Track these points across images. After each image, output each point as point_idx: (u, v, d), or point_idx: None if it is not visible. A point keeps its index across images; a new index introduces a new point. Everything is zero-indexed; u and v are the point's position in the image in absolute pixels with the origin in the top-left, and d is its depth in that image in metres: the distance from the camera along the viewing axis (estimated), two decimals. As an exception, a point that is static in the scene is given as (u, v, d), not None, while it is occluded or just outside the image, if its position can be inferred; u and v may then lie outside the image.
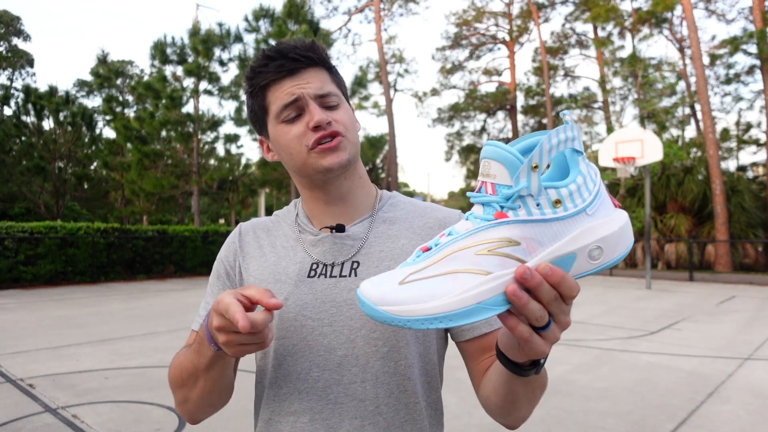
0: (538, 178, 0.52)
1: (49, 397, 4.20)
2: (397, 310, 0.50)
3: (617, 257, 0.54)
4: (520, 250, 0.52)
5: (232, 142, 21.57)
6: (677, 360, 5.52)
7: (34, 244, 12.81)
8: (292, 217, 0.98)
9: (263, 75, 0.87)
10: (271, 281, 0.89)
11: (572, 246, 0.52)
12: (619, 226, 0.54)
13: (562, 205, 0.52)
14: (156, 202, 24.17)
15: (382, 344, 0.85)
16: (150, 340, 6.38)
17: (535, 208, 0.52)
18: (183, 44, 18.59)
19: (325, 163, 0.85)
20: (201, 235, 16.39)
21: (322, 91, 0.87)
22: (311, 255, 0.90)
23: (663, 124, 21.79)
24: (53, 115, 22.45)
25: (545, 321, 0.53)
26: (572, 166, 0.55)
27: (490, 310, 0.51)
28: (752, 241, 17.83)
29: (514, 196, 0.52)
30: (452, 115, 33.90)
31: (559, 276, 0.51)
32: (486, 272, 0.51)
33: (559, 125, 0.54)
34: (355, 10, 29.36)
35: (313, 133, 0.84)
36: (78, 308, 9.20)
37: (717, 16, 26.05)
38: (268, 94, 0.88)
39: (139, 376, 4.85)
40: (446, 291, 0.51)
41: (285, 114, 0.86)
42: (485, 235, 0.53)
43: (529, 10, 29.35)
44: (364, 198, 0.95)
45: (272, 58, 0.86)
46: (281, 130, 0.87)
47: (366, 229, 0.92)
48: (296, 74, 0.86)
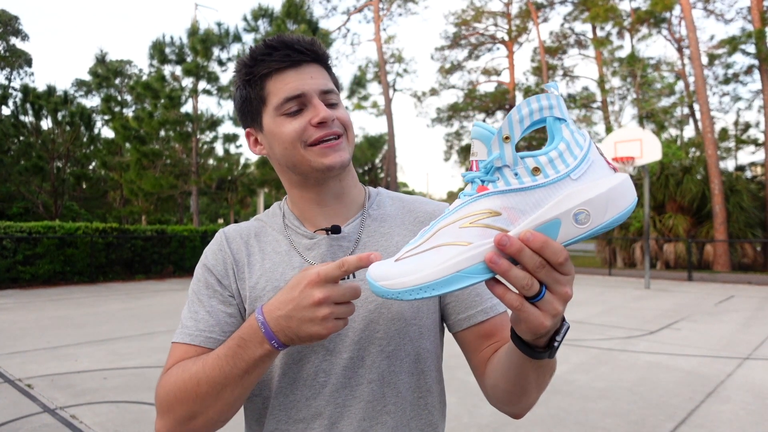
0: (512, 148, 0.53)
1: (48, 398, 4.19)
2: (390, 284, 0.54)
3: (609, 220, 0.52)
4: (501, 220, 0.53)
5: (231, 142, 21.53)
6: (676, 360, 5.52)
7: (32, 244, 12.78)
8: (279, 221, 0.95)
9: (265, 64, 0.84)
10: (270, 289, 0.86)
11: (555, 211, 0.52)
12: (608, 187, 0.52)
13: (542, 173, 0.53)
14: (155, 201, 24.13)
15: (387, 344, 0.84)
16: (149, 340, 6.37)
17: (513, 177, 0.53)
18: (182, 44, 18.56)
19: (327, 161, 0.84)
20: (200, 235, 16.38)
21: (326, 87, 0.85)
22: (307, 259, 0.89)
23: (662, 124, 21.81)
24: (51, 115, 22.41)
25: (535, 289, 0.53)
26: (555, 133, 0.54)
27: (470, 278, 0.53)
28: (751, 241, 17.85)
29: (490, 168, 0.54)
30: (451, 115, 33.90)
31: (540, 241, 0.51)
32: (467, 243, 0.53)
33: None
34: (354, 10, 29.35)
35: (316, 130, 0.83)
36: (76, 308, 9.18)
37: (715, 16, 26.09)
38: (269, 84, 0.84)
39: (137, 376, 4.83)
40: (429, 263, 0.53)
41: (287, 107, 0.83)
42: (469, 209, 0.55)
43: (528, 10, 29.35)
44: (355, 197, 0.94)
45: (275, 48, 0.83)
46: (280, 122, 0.84)
47: (358, 228, 0.91)
48: (300, 67, 0.84)
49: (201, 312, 0.86)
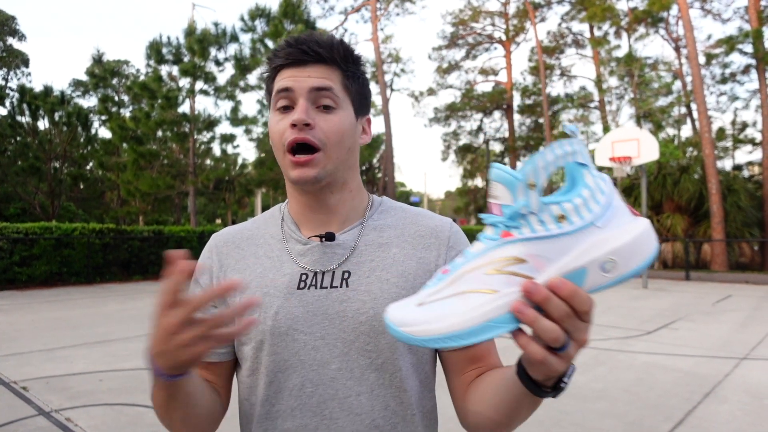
0: (537, 195, 0.52)
1: (43, 400, 4.16)
2: (413, 330, 0.53)
3: (635, 268, 0.52)
4: (527, 268, 0.53)
5: (228, 142, 21.49)
6: (674, 360, 5.52)
7: (29, 245, 12.74)
8: (277, 223, 0.93)
9: (275, 59, 0.85)
10: (259, 294, 0.85)
11: (582, 260, 0.52)
12: (633, 235, 0.53)
13: (567, 220, 0.53)
14: (152, 202, 24.10)
15: (377, 356, 0.82)
16: (145, 342, 6.33)
17: (538, 224, 0.53)
18: (179, 44, 18.52)
19: (294, 174, 0.82)
20: (197, 235, 16.34)
21: (319, 84, 0.82)
22: (300, 265, 0.86)
23: (659, 124, 21.85)
24: (48, 115, 22.34)
25: (562, 341, 0.52)
26: (578, 179, 0.54)
27: (498, 328, 0.52)
28: (748, 240, 17.88)
29: (515, 214, 0.53)
30: (449, 115, 33.91)
31: (569, 290, 0.50)
32: (493, 291, 0.52)
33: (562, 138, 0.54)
34: (352, 10, 29.32)
35: (291, 131, 0.80)
36: (73, 309, 9.15)
37: (713, 16, 26.14)
38: (277, 78, 0.85)
39: (133, 378, 4.81)
40: (455, 311, 0.53)
41: (277, 101, 0.83)
42: (493, 255, 0.54)
43: (526, 10, 29.37)
44: (354, 208, 0.92)
45: (289, 45, 0.84)
46: (273, 117, 0.84)
47: (356, 236, 0.88)
48: (303, 66, 0.83)
49: None
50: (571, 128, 0.54)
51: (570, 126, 0.54)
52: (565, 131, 0.55)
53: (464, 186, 35.65)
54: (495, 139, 34.36)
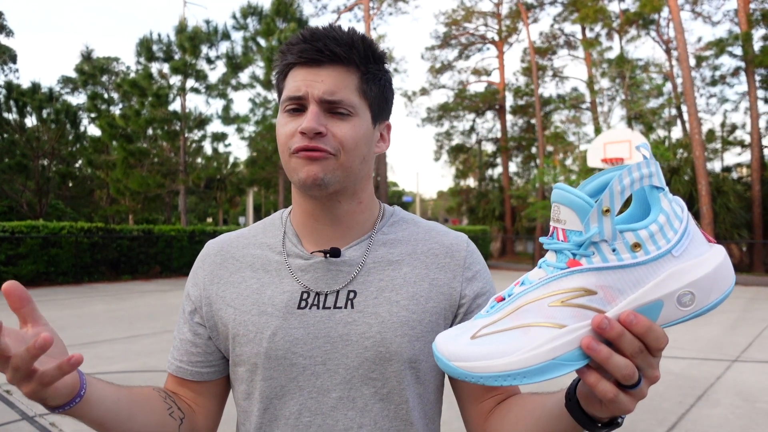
0: (611, 221, 0.48)
1: (27, 405, 4.07)
2: (470, 366, 0.49)
3: (714, 302, 0.49)
4: (597, 300, 0.49)
5: (220, 141, 21.38)
6: (666, 362, 5.52)
7: (15, 243, 12.55)
8: (278, 234, 0.85)
9: (287, 56, 0.78)
10: (255, 313, 0.78)
11: (658, 292, 0.48)
12: (713, 266, 0.49)
13: (642, 249, 0.49)
14: (142, 201, 23.88)
15: (382, 385, 0.76)
16: (133, 344, 6.25)
17: (610, 254, 0.49)
18: (169, 41, 18.36)
19: (300, 174, 0.74)
20: (187, 234, 16.19)
21: (331, 97, 0.74)
22: (301, 282, 0.79)
23: (650, 125, 21.97)
24: (36, 112, 22.09)
25: (635, 378, 0.48)
26: (653, 204, 0.51)
27: (566, 366, 0.48)
28: (737, 242, 18.04)
29: (586, 242, 0.49)
30: (441, 115, 33.90)
31: (645, 325, 0.47)
32: (560, 325, 0.48)
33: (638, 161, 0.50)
34: (344, 9, 29.23)
35: (299, 138, 0.74)
36: (60, 310, 9.01)
37: (703, 19, 26.35)
38: (288, 76, 0.78)
39: (121, 381, 4.70)
40: (518, 346, 0.48)
41: (288, 104, 0.76)
42: (558, 285, 0.49)
43: (518, 11, 29.44)
44: (363, 222, 0.84)
45: (303, 40, 0.76)
46: (281, 119, 0.78)
47: (364, 252, 0.81)
48: (314, 66, 0.75)
49: (177, 336, 0.86)
50: (645, 146, 0.50)
51: (644, 145, 0.50)
52: (638, 150, 0.51)
53: (456, 186, 35.65)
54: (487, 139, 34.43)
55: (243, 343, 0.78)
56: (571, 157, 28.31)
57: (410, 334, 0.76)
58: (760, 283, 14.05)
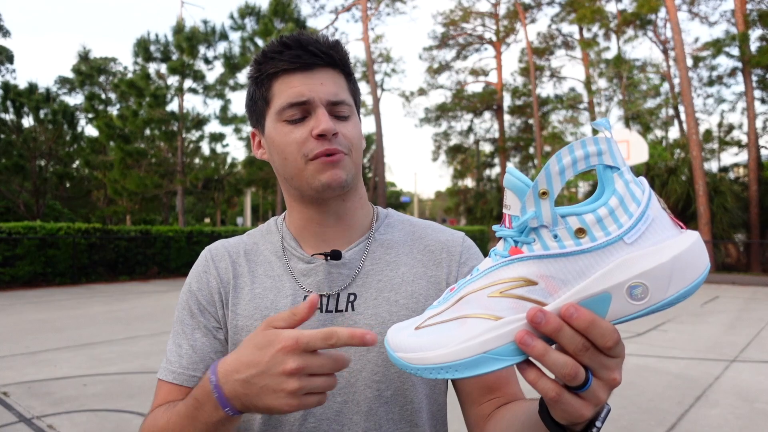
0: (550, 205, 0.44)
1: (24, 406, 4.05)
2: (409, 357, 0.47)
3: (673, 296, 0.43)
4: (537, 291, 0.45)
5: (218, 141, 21.35)
6: (664, 362, 5.52)
7: (12, 244, 12.50)
8: (275, 240, 0.85)
9: (274, 62, 0.75)
10: (257, 318, 0.78)
11: (605, 284, 0.43)
12: (672, 255, 0.43)
13: (588, 235, 0.44)
14: (139, 201, 23.82)
15: (386, 387, 0.76)
16: (131, 345, 6.23)
17: (552, 240, 0.45)
18: (167, 42, 18.33)
19: (323, 178, 0.74)
20: (185, 235, 16.15)
21: (335, 98, 0.75)
22: (302, 286, 0.79)
23: (647, 125, 22.01)
24: (33, 113, 22.02)
25: (581, 378, 0.44)
26: (606, 185, 0.46)
27: (499, 360, 0.45)
28: (734, 242, 18.07)
29: (526, 228, 0.45)
30: (439, 115, 33.91)
31: (586, 320, 0.42)
32: (496, 317, 0.45)
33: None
34: (342, 9, 29.21)
35: (316, 143, 0.73)
36: (57, 311, 8.98)
37: (700, 19, 26.40)
38: (275, 84, 0.76)
39: (118, 383, 4.71)
40: (452, 338, 0.45)
41: (289, 113, 0.75)
42: (499, 274, 0.46)
43: (516, 11, 29.47)
44: (362, 219, 0.85)
45: (288, 47, 0.75)
46: (281, 129, 0.76)
47: (362, 254, 0.81)
48: (311, 71, 0.75)
49: (185, 345, 0.80)
50: (602, 123, 0.45)
51: (600, 121, 0.45)
52: (593, 127, 0.47)
53: (454, 186, 35.66)
54: (485, 139, 34.44)
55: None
56: (568, 158, 28.31)
57: None
58: (758, 283, 14.07)
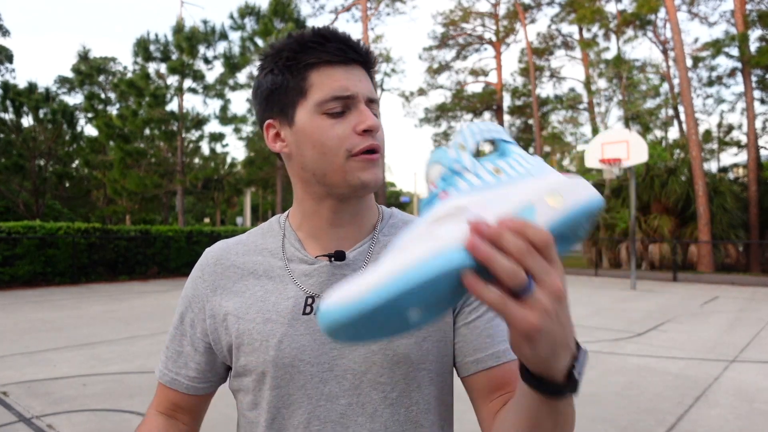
0: (469, 155, 0.51)
1: (24, 406, 4.05)
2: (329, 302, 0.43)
3: (582, 203, 0.49)
4: (469, 213, 0.48)
5: (217, 141, 21.33)
6: (664, 363, 5.52)
7: (11, 244, 12.50)
8: (277, 241, 0.84)
9: (315, 53, 0.73)
10: (260, 321, 0.77)
11: (526, 196, 0.49)
12: (571, 176, 0.52)
13: (504, 173, 0.51)
14: (139, 201, 23.82)
15: (391, 389, 0.75)
16: (131, 344, 6.22)
17: (474, 178, 0.51)
18: (167, 41, 18.32)
19: (365, 176, 0.73)
20: (185, 235, 16.14)
21: (373, 96, 0.76)
22: (304, 288, 0.78)
23: (647, 126, 22.02)
24: (33, 113, 22.00)
25: (521, 277, 0.42)
26: (507, 151, 0.54)
27: (448, 260, 0.43)
28: (734, 242, 18.08)
29: (448, 174, 0.51)
30: (439, 115, 33.92)
31: (520, 222, 0.44)
32: (431, 233, 0.47)
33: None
34: (342, 9, 29.21)
35: (360, 139, 0.72)
36: (57, 311, 8.98)
37: (700, 19, 26.41)
38: (313, 75, 0.73)
39: (118, 382, 4.71)
40: (390, 261, 0.44)
41: (331, 105, 0.72)
42: (430, 215, 0.49)
43: (516, 11, 29.47)
44: (370, 219, 0.84)
45: (328, 39, 0.73)
46: (320, 122, 0.72)
47: (365, 254, 0.81)
48: (350, 66, 0.74)
49: (172, 349, 0.86)
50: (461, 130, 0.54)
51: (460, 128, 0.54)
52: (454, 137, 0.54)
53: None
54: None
55: (248, 352, 0.77)
56: (568, 158, 28.35)
57: (416, 334, 0.75)
58: (757, 284, 14.08)
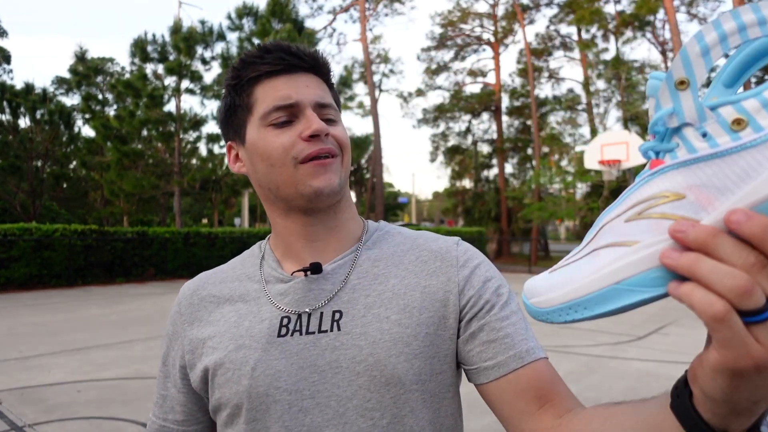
0: (693, 97, 0.35)
1: (17, 414, 3.97)
2: (537, 301, 0.42)
3: None
4: (685, 206, 0.36)
5: (215, 142, 21.22)
6: (666, 367, 5.47)
7: (7, 246, 12.40)
8: (255, 262, 0.80)
9: (255, 66, 0.72)
10: (232, 348, 0.71)
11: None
12: None
13: (750, 125, 0.34)
14: (136, 202, 23.72)
15: (380, 416, 0.67)
16: (126, 349, 6.15)
17: (700, 141, 0.36)
18: (164, 42, 18.23)
19: (316, 183, 0.69)
20: (182, 236, 16.06)
21: (323, 100, 0.72)
22: (279, 307, 0.72)
23: (646, 127, 22.02)
24: (30, 113, 21.90)
25: (756, 296, 0.31)
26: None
27: (634, 292, 0.36)
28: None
29: (664, 131, 0.37)
30: (437, 116, 33.87)
31: (762, 224, 0.31)
32: (631, 242, 0.37)
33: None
34: (340, 10, 29.17)
35: (307, 145, 0.69)
36: (52, 314, 8.89)
37: (699, 20, 26.42)
38: (257, 89, 0.72)
39: (113, 388, 4.63)
40: (580, 272, 0.39)
41: (274, 116, 0.70)
42: (639, 194, 0.38)
43: (514, 12, 29.46)
44: (352, 231, 0.78)
45: (268, 51, 0.72)
46: (266, 134, 0.70)
47: (347, 268, 0.74)
48: (295, 74, 0.72)
49: (158, 393, 0.82)
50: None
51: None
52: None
53: (452, 187, 35.60)
54: (483, 140, 34.39)
55: (221, 384, 0.70)
56: (566, 159, 28.36)
57: (406, 351, 0.67)
58: (757, 285, 14.08)
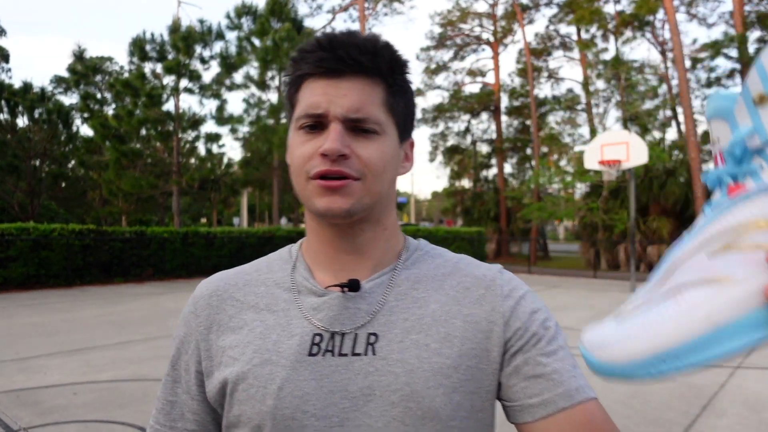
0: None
1: (12, 417, 3.92)
2: (605, 356, 0.37)
3: None
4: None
5: (214, 142, 21.17)
6: (668, 369, 5.43)
7: (4, 246, 12.34)
8: (287, 268, 0.74)
9: (301, 64, 0.67)
10: (257, 363, 0.65)
11: None
12: None
13: None
14: (135, 202, 23.66)
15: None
16: (124, 350, 6.10)
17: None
18: (163, 41, 18.18)
19: (319, 204, 0.64)
20: (180, 236, 16.00)
21: (355, 115, 0.64)
22: (312, 322, 0.67)
23: (645, 127, 22.00)
24: (28, 112, 21.85)
25: None
26: None
27: (738, 336, 0.33)
28: (733, 243, 18.07)
29: (742, 152, 0.34)
30: (436, 116, 33.82)
31: None
32: (723, 278, 0.34)
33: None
34: (339, 9, 29.11)
35: (320, 161, 0.63)
36: (50, 314, 8.84)
37: (698, 20, 26.42)
38: (303, 88, 0.68)
39: (110, 391, 4.59)
40: (666, 318, 0.35)
41: (304, 121, 0.66)
42: (719, 225, 0.35)
43: (514, 12, 29.41)
44: (387, 251, 0.72)
45: (320, 47, 0.66)
46: (296, 137, 0.67)
47: (385, 287, 0.69)
48: (336, 78, 0.65)
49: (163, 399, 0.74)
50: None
51: None
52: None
53: (451, 187, 35.57)
54: (483, 140, 34.36)
55: (242, 401, 0.65)
56: (566, 159, 28.33)
57: (446, 384, 0.63)
58: (757, 286, 14.05)
